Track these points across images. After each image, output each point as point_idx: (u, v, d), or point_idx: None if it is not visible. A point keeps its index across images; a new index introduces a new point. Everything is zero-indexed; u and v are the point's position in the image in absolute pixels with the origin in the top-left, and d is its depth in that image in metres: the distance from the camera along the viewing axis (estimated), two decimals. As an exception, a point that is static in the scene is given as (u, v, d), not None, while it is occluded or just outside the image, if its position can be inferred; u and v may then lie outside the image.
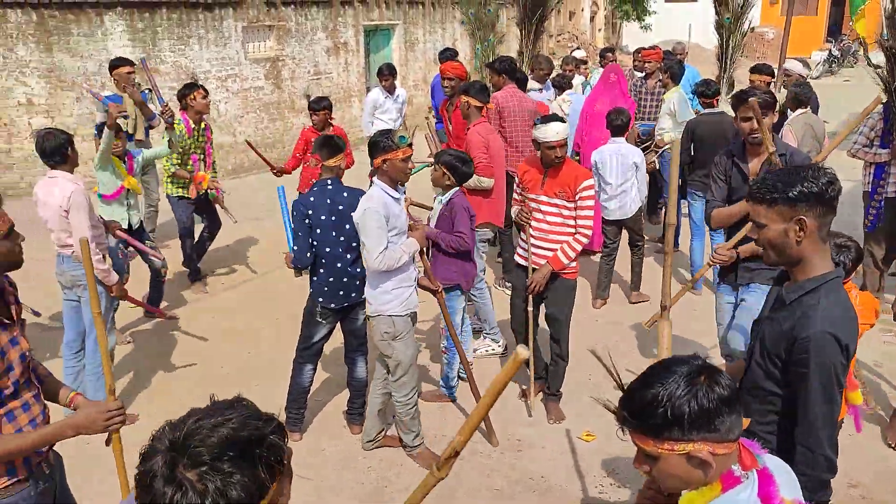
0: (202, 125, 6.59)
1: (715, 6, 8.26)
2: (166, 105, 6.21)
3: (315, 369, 4.60)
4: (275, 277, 7.28)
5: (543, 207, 4.54)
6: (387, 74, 8.45)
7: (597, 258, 7.04)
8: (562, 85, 8.34)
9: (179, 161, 6.47)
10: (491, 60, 7.81)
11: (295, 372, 4.55)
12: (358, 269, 4.36)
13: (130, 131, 7.27)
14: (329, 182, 4.29)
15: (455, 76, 6.68)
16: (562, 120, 4.39)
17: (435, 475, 1.68)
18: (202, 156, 6.64)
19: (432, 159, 5.07)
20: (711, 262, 4.26)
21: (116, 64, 7.41)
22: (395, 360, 4.14)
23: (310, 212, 4.20)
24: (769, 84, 7.48)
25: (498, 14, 9.19)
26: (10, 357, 2.46)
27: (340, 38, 13.56)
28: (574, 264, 4.58)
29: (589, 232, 4.52)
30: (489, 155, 5.58)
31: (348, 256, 4.31)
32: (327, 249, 4.27)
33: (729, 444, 1.63)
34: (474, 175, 4.94)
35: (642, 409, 1.63)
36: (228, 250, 8.00)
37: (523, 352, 1.51)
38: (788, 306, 2.31)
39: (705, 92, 6.77)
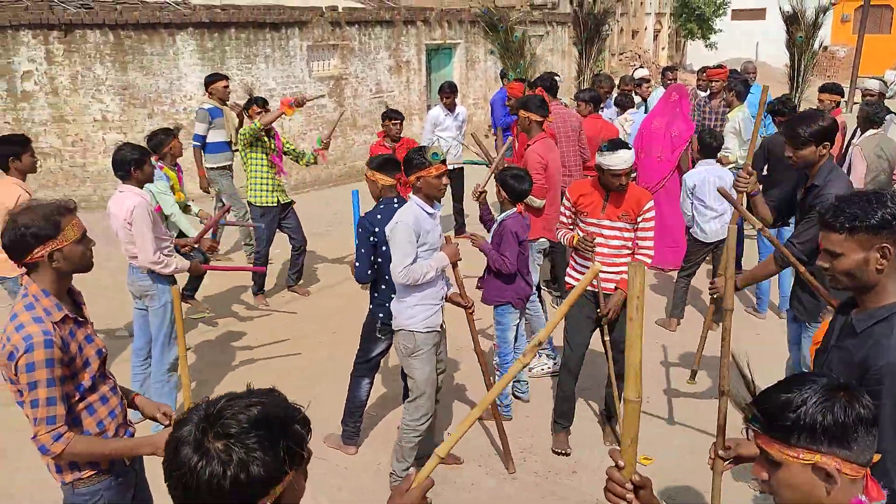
0: (271, 133, 6.75)
1: (786, 24, 8.05)
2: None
3: (372, 384, 4.63)
4: (336, 291, 7.37)
5: (606, 231, 4.41)
6: (448, 92, 8.55)
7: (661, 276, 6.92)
8: (624, 104, 8.28)
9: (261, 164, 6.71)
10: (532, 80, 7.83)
11: (352, 385, 4.59)
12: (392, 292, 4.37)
13: (231, 140, 7.69)
14: (395, 200, 4.32)
15: (513, 96, 6.76)
16: (627, 146, 4.30)
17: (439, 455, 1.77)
18: (270, 163, 6.79)
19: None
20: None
21: (213, 79, 7.75)
22: (411, 379, 4.14)
23: (375, 229, 4.22)
24: (838, 104, 7.28)
25: (526, 39, 9.12)
26: (87, 353, 2.67)
27: (403, 56, 13.74)
28: None
29: (653, 252, 4.44)
30: (546, 175, 5.56)
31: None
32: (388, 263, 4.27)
33: (858, 467, 1.54)
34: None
35: (775, 409, 1.58)
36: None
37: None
38: (859, 335, 2.22)
39: (781, 110, 6.51)
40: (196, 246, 5.41)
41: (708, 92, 8.34)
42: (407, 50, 13.82)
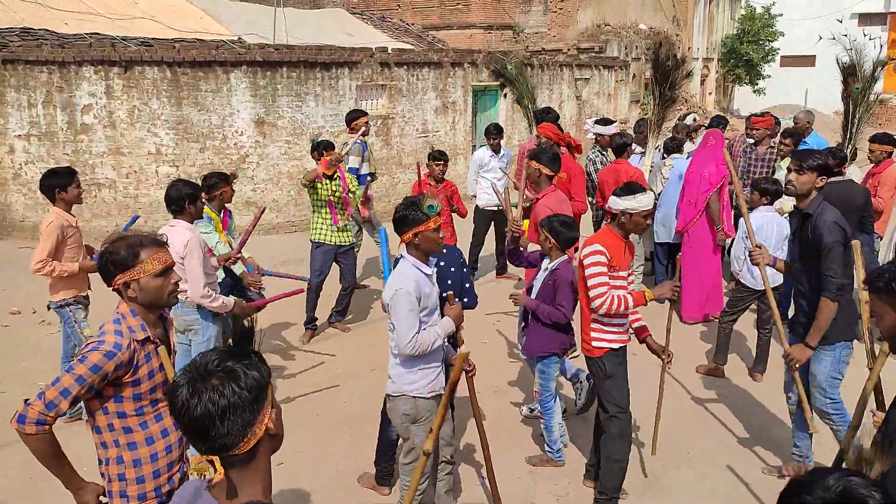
0: (335, 175, 6.83)
1: (843, 75, 7.97)
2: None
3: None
4: (379, 327, 7.39)
5: (622, 283, 4.25)
6: (494, 134, 8.62)
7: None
8: (670, 147, 8.24)
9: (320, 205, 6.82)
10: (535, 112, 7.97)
11: (383, 426, 4.55)
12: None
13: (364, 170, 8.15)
14: None
15: (546, 136, 6.77)
16: (641, 188, 4.16)
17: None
18: (339, 204, 6.86)
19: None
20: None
21: (355, 116, 8.05)
22: (410, 443, 3.93)
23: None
24: (890, 153, 7.15)
25: (521, 71, 9.27)
26: (157, 379, 2.77)
27: (449, 97, 13.93)
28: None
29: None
30: None
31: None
32: None
33: None
34: None
35: None
36: (332, 299, 8.20)
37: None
38: None
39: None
40: (239, 257, 5.48)
41: (754, 140, 8.27)
42: (453, 91, 14.01)
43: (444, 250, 4.32)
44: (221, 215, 5.91)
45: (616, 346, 4.24)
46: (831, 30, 18.69)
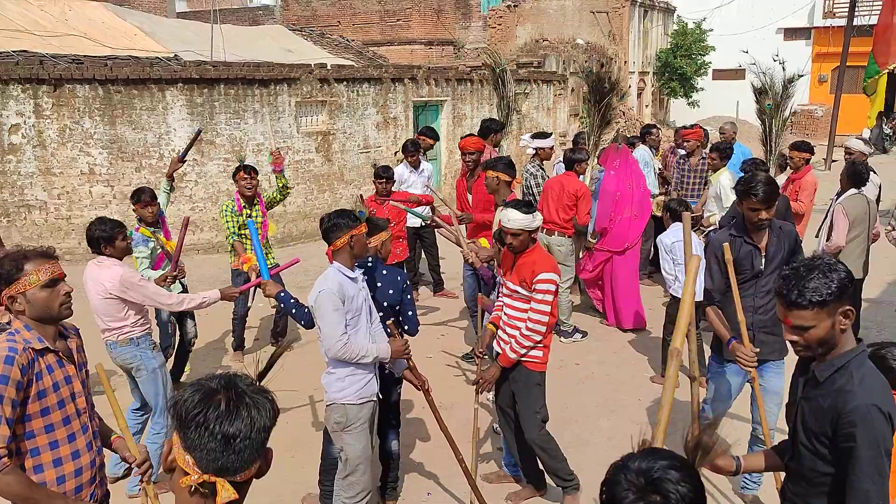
0: (255, 202, 6.70)
1: (755, 94, 8.43)
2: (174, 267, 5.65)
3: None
4: (315, 347, 7.31)
5: (508, 293, 4.32)
6: (411, 151, 8.44)
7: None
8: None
9: (237, 230, 6.61)
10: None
11: (325, 444, 4.47)
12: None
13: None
14: (369, 260, 4.29)
15: (476, 150, 6.86)
16: (528, 207, 4.18)
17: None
18: (259, 229, 6.71)
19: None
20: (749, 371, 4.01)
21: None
22: (344, 454, 3.89)
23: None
24: (808, 161, 7.44)
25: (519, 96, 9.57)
26: (63, 393, 2.66)
27: (390, 113, 13.95)
28: (541, 354, 4.26)
29: (539, 328, 4.14)
30: None
31: (388, 331, 4.29)
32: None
33: None
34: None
35: None
36: (269, 319, 8.10)
37: None
38: (822, 384, 2.38)
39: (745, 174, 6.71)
40: (176, 275, 5.35)
41: (686, 151, 8.50)
42: (394, 106, 14.04)
43: (385, 272, 4.32)
44: (160, 227, 5.75)
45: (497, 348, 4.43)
46: (754, 47, 19.41)
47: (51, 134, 10.05)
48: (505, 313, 4.36)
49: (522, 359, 4.23)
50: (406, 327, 4.33)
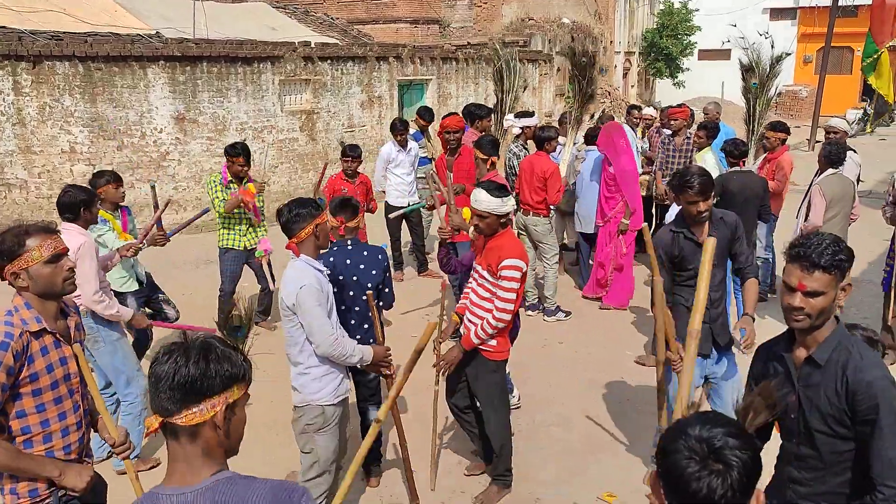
0: (244, 181, 6.65)
1: (742, 72, 8.44)
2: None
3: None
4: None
5: (477, 277, 4.23)
6: (401, 130, 8.39)
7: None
8: (587, 139, 8.37)
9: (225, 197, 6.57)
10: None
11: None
12: (365, 326, 4.32)
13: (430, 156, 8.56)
14: (349, 242, 4.29)
15: (457, 129, 6.88)
16: (501, 190, 4.08)
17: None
18: (248, 213, 6.67)
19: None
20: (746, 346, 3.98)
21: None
22: (313, 456, 3.71)
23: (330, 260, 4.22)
24: (784, 141, 7.49)
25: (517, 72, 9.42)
26: (57, 374, 2.65)
27: (375, 91, 13.87)
28: (495, 343, 4.16)
29: (505, 316, 4.04)
30: None
31: (367, 310, 4.30)
32: (342, 307, 4.15)
33: None
34: None
35: None
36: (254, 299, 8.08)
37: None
38: (825, 367, 2.38)
39: (732, 152, 6.75)
40: (142, 247, 5.15)
41: (671, 131, 8.51)
42: (379, 85, 13.95)
43: (366, 252, 4.31)
44: (119, 214, 5.56)
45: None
46: (740, 27, 19.41)
47: (30, 112, 9.90)
48: (471, 299, 4.28)
49: (480, 347, 4.15)
50: (381, 302, 4.32)
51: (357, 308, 4.25)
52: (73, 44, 9.97)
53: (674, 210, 6.42)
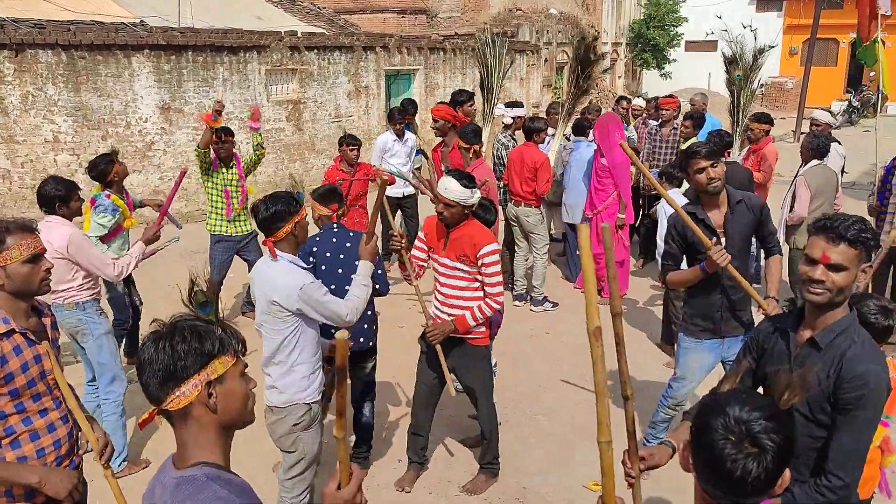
0: (231, 163, 6.63)
1: (725, 64, 8.50)
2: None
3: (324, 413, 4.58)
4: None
5: (447, 271, 4.15)
6: (399, 119, 8.32)
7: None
8: (576, 129, 8.36)
9: (216, 195, 6.56)
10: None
11: None
12: (368, 312, 4.33)
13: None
14: (335, 226, 4.31)
15: (441, 118, 6.84)
16: (468, 180, 4.01)
17: (337, 437, 1.77)
18: (236, 192, 6.65)
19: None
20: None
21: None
22: (300, 453, 3.63)
23: (314, 249, 4.21)
24: (768, 132, 7.53)
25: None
26: (33, 372, 2.61)
27: (362, 81, 13.81)
28: (483, 329, 4.20)
29: (501, 299, 4.11)
30: (491, 196, 5.67)
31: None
32: (332, 287, 4.08)
33: None
34: None
35: None
36: (239, 286, 8.06)
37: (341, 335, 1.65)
38: (823, 350, 2.35)
39: (717, 142, 6.77)
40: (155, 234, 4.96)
41: (659, 121, 8.54)
42: (366, 75, 13.90)
43: (352, 234, 4.31)
44: (124, 197, 5.64)
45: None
46: (726, 18, 19.46)
47: (13, 101, 9.79)
48: (440, 293, 4.21)
49: (468, 337, 4.17)
50: (377, 286, 4.28)
51: (339, 286, 4.18)
52: (56, 32, 9.86)
53: (664, 203, 6.40)
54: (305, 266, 3.55)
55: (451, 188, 3.94)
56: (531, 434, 5.15)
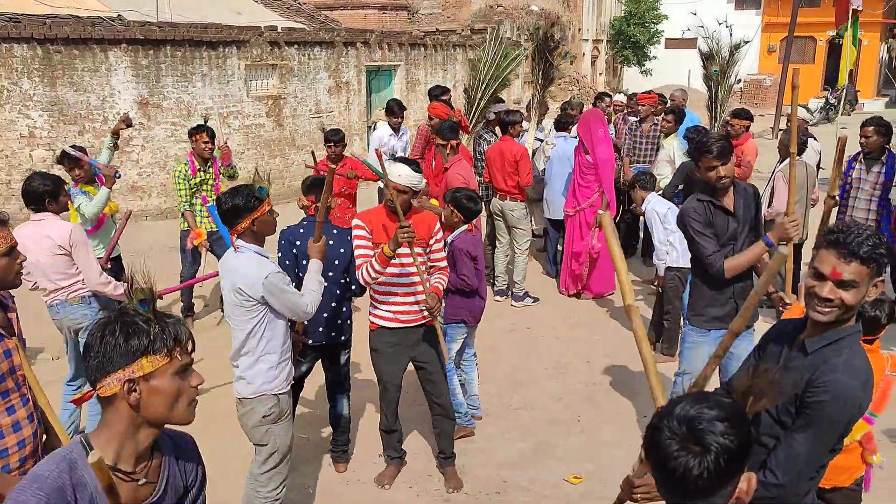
0: (209, 164, 6.60)
1: (702, 59, 8.61)
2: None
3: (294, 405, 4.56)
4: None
5: (405, 261, 4.06)
6: (396, 112, 8.20)
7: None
8: (558, 125, 8.37)
9: (189, 199, 6.51)
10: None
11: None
12: (343, 308, 4.34)
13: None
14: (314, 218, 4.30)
15: (437, 116, 6.83)
16: (415, 164, 4.01)
17: None
18: (211, 194, 6.64)
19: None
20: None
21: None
22: (272, 446, 3.61)
23: (297, 242, 4.21)
24: (747, 128, 7.59)
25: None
26: (1, 368, 2.55)
27: (342, 77, 13.75)
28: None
29: (447, 273, 4.28)
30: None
31: (336, 292, 4.30)
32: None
33: None
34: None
35: None
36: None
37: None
38: (810, 355, 2.28)
39: (694, 138, 6.79)
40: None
41: (639, 117, 8.58)
42: (347, 71, 13.84)
43: (335, 230, 4.31)
44: (97, 181, 5.63)
45: (387, 324, 4.21)
46: (706, 16, 19.57)
47: (-13, 95, 9.66)
48: (400, 284, 4.14)
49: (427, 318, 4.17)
50: (354, 287, 4.34)
51: (329, 273, 4.20)
52: (32, 26, 9.73)
53: (657, 201, 6.35)
54: (268, 255, 3.53)
55: (403, 173, 3.94)
56: (512, 427, 5.17)
